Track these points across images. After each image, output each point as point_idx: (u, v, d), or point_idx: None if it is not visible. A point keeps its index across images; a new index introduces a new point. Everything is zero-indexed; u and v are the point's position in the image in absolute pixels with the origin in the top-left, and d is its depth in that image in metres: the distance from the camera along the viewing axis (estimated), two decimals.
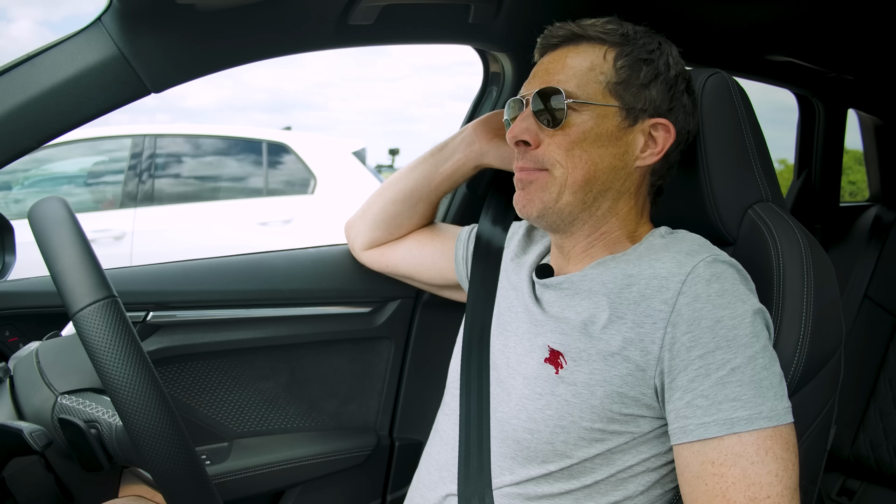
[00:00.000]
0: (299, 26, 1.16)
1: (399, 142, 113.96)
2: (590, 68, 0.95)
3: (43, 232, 0.86)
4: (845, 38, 1.75)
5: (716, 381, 0.82)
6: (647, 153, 0.96)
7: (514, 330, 1.02)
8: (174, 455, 0.82)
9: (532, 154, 0.96)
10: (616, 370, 0.88)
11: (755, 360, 0.83)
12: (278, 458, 1.39)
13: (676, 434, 0.85)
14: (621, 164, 0.96)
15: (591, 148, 0.94)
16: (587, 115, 0.94)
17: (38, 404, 0.96)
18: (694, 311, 0.84)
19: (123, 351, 0.81)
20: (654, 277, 0.88)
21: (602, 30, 0.96)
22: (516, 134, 0.97)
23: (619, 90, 0.94)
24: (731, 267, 0.89)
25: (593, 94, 0.94)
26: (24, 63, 1.00)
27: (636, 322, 0.87)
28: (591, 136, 0.94)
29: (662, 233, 0.99)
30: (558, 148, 0.94)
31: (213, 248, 3.55)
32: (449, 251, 1.28)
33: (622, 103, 0.94)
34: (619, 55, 0.95)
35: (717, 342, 0.83)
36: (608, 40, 0.96)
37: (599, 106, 0.94)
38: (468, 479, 0.98)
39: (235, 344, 1.37)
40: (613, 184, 0.96)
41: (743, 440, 0.81)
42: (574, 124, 0.94)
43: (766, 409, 0.81)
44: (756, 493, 0.79)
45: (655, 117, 0.96)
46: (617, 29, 0.96)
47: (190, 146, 4.64)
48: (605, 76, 0.95)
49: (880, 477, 2.13)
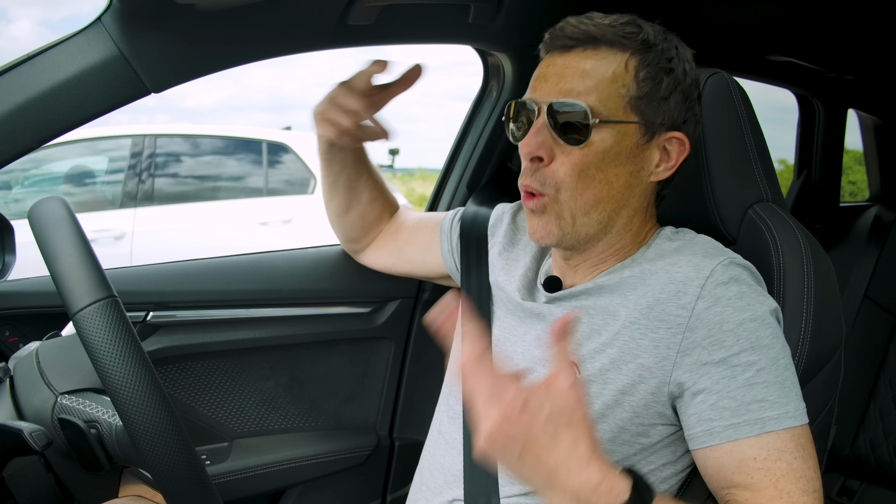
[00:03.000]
0: (299, 26, 1.15)
1: (399, 142, 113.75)
2: (611, 80, 0.88)
3: (43, 232, 0.86)
4: (845, 38, 1.75)
5: (743, 383, 0.82)
6: (661, 168, 0.93)
7: (522, 336, 1.01)
8: (174, 455, 0.82)
9: (542, 173, 0.90)
10: (628, 378, 0.87)
11: (778, 361, 0.83)
12: (278, 458, 1.39)
13: (701, 437, 0.84)
14: (636, 181, 0.92)
15: (608, 167, 0.89)
16: (607, 133, 0.88)
17: (38, 404, 0.96)
18: (715, 314, 0.84)
19: (123, 351, 0.81)
20: (669, 282, 0.87)
21: (622, 33, 0.89)
22: (532, 150, 0.90)
23: (640, 105, 0.89)
24: (746, 269, 0.89)
25: (615, 109, 0.88)
26: (24, 63, 1.00)
27: (650, 328, 0.86)
28: (610, 156, 0.88)
29: (669, 234, 0.97)
30: (572, 168, 0.89)
31: (213, 248, 3.55)
32: (434, 245, 1.25)
33: (643, 119, 0.89)
34: (640, 64, 0.89)
35: (741, 344, 0.83)
36: (629, 46, 0.89)
37: (621, 123, 0.88)
38: (475, 485, 0.97)
39: (235, 344, 1.37)
40: (629, 201, 0.93)
41: (781, 437, 0.81)
42: (593, 143, 0.88)
43: (792, 408, 0.82)
44: (805, 485, 0.81)
45: (671, 131, 0.91)
46: (637, 33, 0.89)
47: (190, 146, 4.64)
48: (626, 89, 0.88)
49: (880, 477, 2.13)
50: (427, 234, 1.27)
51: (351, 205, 1.28)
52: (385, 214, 1.32)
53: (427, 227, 1.28)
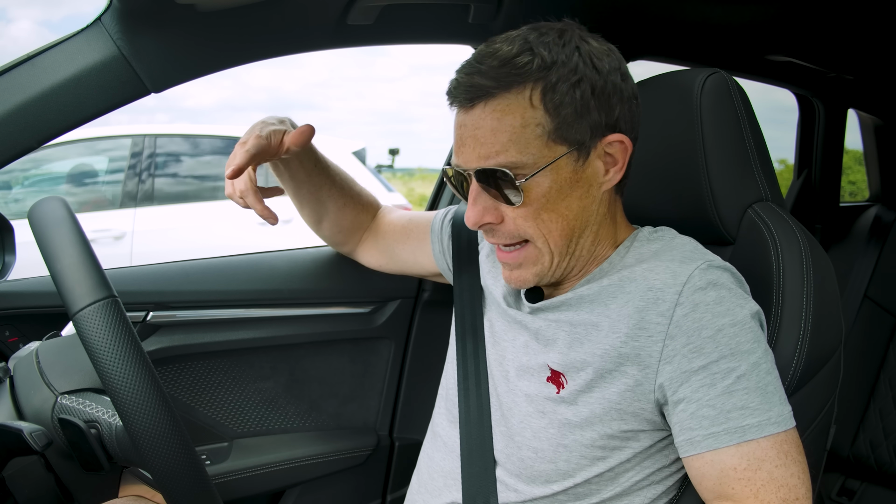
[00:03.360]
0: (299, 26, 1.16)
1: (398, 142, 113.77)
2: (523, 126, 0.83)
3: (43, 232, 0.86)
4: (845, 38, 1.75)
5: (722, 391, 0.81)
6: (609, 174, 0.90)
7: (511, 341, 1.01)
8: (174, 455, 0.82)
9: (503, 230, 0.90)
10: (614, 387, 0.87)
11: (759, 366, 0.82)
12: (278, 458, 1.39)
13: (684, 446, 0.84)
14: (589, 199, 0.90)
15: (557, 205, 0.87)
16: (541, 178, 0.85)
17: (38, 404, 0.96)
18: (693, 321, 0.83)
19: (123, 351, 0.81)
20: (648, 290, 0.86)
21: (514, 70, 0.83)
22: (478, 220, 0.89)
23: (562, 133, 0.84)
24: (726, 271, 0.88)
25: (538, 152, 0.84)
26: (24, 63, 1.00)
27: (631, 336, 0.86)
28: (553, 194, 0.86)
29: (647, 234, 0.96)
30: (525, 221, 0.88)
31: (213, 248, 3.55)
32: (426, 246, 1.25)
33: (570, 145, 0.85)
34: (545, 92, 0.83)
35: (720, 351, 0.82)
36: (528, 78, 0.83)
37: (550, 164, 0.85)
38: (473, 488, 0.97)
39: (235, 344, 1.37)
40: (589, 219, 0.91)
41: (762, 445, 0.80)
42: (532, 192, 0.86)
43: (774, 414, 0.81)
44: (786, 494, 0.80)
45: (604, 136, 0.87)
46: (531, 61, 0.83)
47: (189, 146, 4.64)
48: (541, 127, 0.84)
49: (880, 477, 2.13)
50: (418, 235, 1.27)
51: (321, 216, 1.28)
52: (362, 217, 1.31)
53: (417, 227, 1.27)
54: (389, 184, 5.39)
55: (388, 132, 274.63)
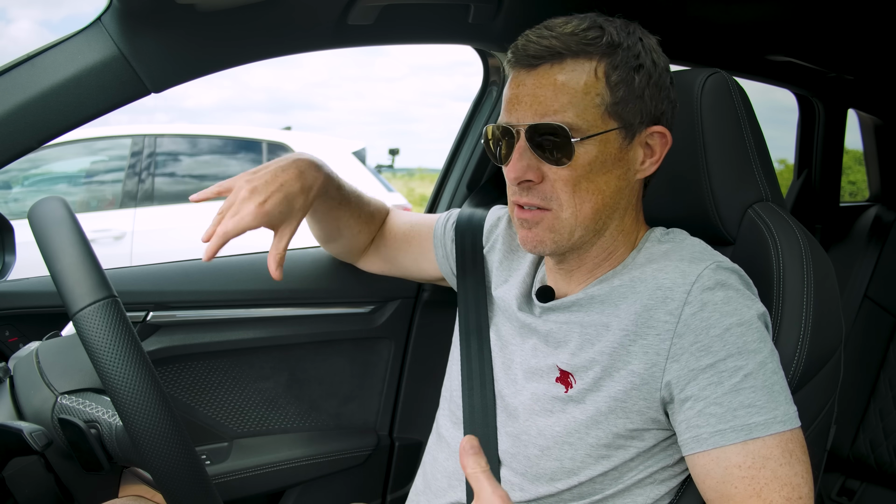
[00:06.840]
0: (299, 26, 1.16)
1: (398, 142, 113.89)
2: (584, 92, 0.87)
3: (43, 232, 0.86)
4: (845, 38, 1.75)
5: (729, 389, 0.82)
6: (646, 164, 0.93)
7: (519, 345, 1.01)
8: (174, 455, 0.82)
9: (538, 190, 0.90)
10: (621, 385, 0.87)
11: (765, 366, 0.83)
12: (278, 458, 1.39)
13: (689, 444, 0.84)
14: (625, 182, 0.92)
15: (598, 177, 0.89)
16: (591, 146, 0.88)
17: (38, 404, 0.96)
18: (701, 320, 0.84)
19: (123, 351, 0.81)
20: (657, 288, 0.87)
21: (585, 40, 0.87)
22: (520, 174, 0.89)
23: (617, 110, 0.88)
24: (734, 273, 0.89)
25: (593, 120, 0.87)
26: (24, 63, 1.00)
27: (639, 334, 0.87)
28: (597, 166, 0.89)
29: (659, 236, 0.97)
30: (565, 185, 0.89)
31: None
32: (428, 252, 1.25)
33: (622, 123, 0.89)
34: (610, 69, 0.88)
35: (727, 350, 0.82)
36: (595, 52, 0.88)
37: (602, 134, 0.88)
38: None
39: (235, 344, 1.37)
40: (619, 203, 0.93)
41: (767, 443, 0.81)
42: (578, 157, 0.88)
43: (780, 413, 0.81)
44: (790, 493, 0.80)
45: (651, 126, 0.91)
46: (600, 37, 0.88)
47: (189, 146, 4.64)
48: (601, 97, 0.87)
49: (880, 477, 2.13)
50: (420, 241, 1.27)
51: (334, 239, 1.30)
52: (372, 234, 1.31)
53: (419, 233, 1.27)
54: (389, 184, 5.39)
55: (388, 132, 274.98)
